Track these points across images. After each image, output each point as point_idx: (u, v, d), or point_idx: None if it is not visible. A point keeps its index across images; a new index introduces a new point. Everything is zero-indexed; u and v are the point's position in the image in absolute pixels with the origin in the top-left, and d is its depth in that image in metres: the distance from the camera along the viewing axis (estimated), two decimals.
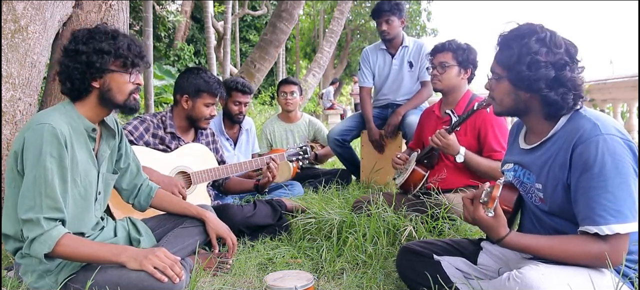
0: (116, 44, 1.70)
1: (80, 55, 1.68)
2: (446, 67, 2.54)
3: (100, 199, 1.85)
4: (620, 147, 1.34)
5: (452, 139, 2.35)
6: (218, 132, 3.42)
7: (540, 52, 1.41)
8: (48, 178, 1.58)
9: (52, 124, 1.60)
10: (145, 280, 1.64)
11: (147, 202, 2.07)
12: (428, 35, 22.40)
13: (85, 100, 1.74)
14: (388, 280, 1.98)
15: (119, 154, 1.96)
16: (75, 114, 1.72)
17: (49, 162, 1.58)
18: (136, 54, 1.74)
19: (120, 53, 1.70)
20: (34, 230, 1.57)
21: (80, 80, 1.69)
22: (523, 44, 1.42)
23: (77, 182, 1.71)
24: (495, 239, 1.45)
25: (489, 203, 1.41)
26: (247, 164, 2.74)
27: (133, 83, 1.76)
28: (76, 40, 1.71)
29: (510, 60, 1.44)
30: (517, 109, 1.53)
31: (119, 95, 1.74)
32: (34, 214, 1.56)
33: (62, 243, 1.58)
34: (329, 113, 13.04)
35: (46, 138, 1.58)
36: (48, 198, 1.58)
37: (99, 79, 1.71)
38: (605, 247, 1.32)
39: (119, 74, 1.73)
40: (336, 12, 9.00)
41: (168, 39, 16.04)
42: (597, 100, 5.37)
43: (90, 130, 1.75)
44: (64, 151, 1.62)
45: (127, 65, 1.73)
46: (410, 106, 3.66)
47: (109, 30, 1.73)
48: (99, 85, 1.72)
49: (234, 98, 3.37)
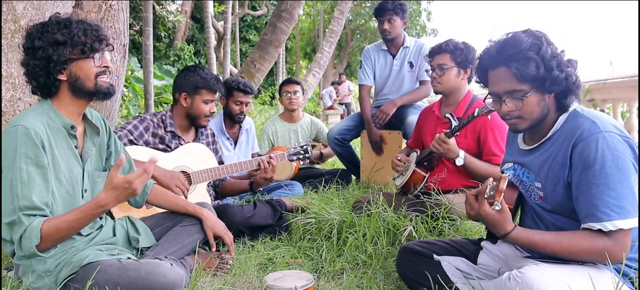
0: (71, 32, 1.66)
1: (37, 50, 1.65)
2: (445, 69, 2.53)
3: (87, 197, 1.82)
4: (619, 144, 1.35)
5: (452, 143, 2.35)
6: (218, 131, 3.42)
7: (556, 52, 1.43)
8: (23, 179, 1.57)
9: (25, 124, 1.59)
10: (145, 278, 1.64)
11: (142, 198, 2.06)
12: (428, 35, 22.43)
13: (59, 96, 1.72)
14: (388, 280, 1.98)
15: (109, 152, 1.95)
16: (52, 113, 1.70)
17: (24, 163, 1.58)
18: (94, 38, 1.70)
19: (76, 41, 1.66)
20: (18, 229, 1.57)
21: (44, 77, 1.67)
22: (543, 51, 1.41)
23: (61, 181, 1.70)
24: (501, 233, 1.45)
25: (495, 196, 1.40)
26: (247, 164, 2.74)
27: (98, 67, 1.72)
28: (31, 36, 1.68)
29: (539, 71, 1.41)
30: (543, 116, 1.49)
31: (88, 82, 1.70)
32: (14, 215, 1.57)
33: (45, 228, 1.58)
34: (329, 113, 13.05)
35: (20, 139, 1.57)
36: (24, 198, 1.58)
37: (64, 70, 1.68)
38: (609, 242, 1.33)
39: (82, 61, 1.69)
40: (336, 12, 9.01)
41: (168, 39, 16.05)
42: (597, 100, 5.37)
43: (68, 127, 1.72)
44: (40, 151, 1.60)
45: (86, 51, 1.69)
46: (406, 100, 3.65)
47: (61, 20, 1.69)
48: (66, 77, 1.69)
49: (235, 98, 3.37)
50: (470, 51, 2.54)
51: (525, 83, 1.43)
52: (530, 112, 1.47)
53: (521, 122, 1.50)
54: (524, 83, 1.44)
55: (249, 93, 3.39)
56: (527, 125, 1.50)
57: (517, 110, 1.47)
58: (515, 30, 1.48)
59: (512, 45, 1.44)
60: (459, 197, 2.37)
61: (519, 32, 1.47)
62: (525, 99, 1.45)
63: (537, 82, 1.43)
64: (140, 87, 8.63)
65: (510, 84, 1.45)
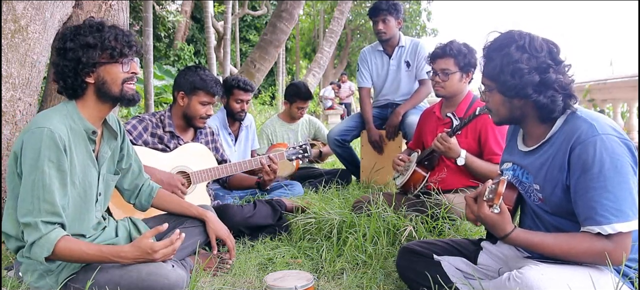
0: (102, 36, 1.68)
1: (68, 52, 1.66)
2: (449, 74, 2.51)
3: (100, 200, 1.84)
4: (618, 146, 1.35)
5: (453, 142, 2.35)
6: (222, 127, 3.46)
7: (522, 59, 1.42)
8: (46, 182, 1.57)
9: (51, 128, 1.59)
10: (146, 279, 1.64)
11: (148, 202, 2.07)
12: (428, 35, 22.44)
13: (85, 98, 1.73)
14: (388, 280, 1.98)
15: (121, 155, 1.96)
16: (76, 115, 1.71)
17: (47, 166, 1.58)
18: (124, 43, 1.71)
19: (106, 45, 1.68)
20: (33, 234, 1.56)
21: (72, 78, 1.68)
22: (503, 54, 1.44)
23: (75, 184, 1.70)
24: (500, 235, 1.45)
25: (494, 199, 1.40)
26: (246, 164, 2.74)
27: (126, 72, 1.74)
28: (64, 38, 1.69)
29: (495, 72, 1.47)
30: (513, 117, 1.54)
31: (114, 87, 1.72)
32: (32, 218, 1.56)
33: (60, 246, 1.57)
34: (329, 113, 13.07)
35: (45, 142, 1.58)
36: (46, 202, 1.57)
37: (92, 73, 1.69)
38: (609, 245, 1.33)
39: (111, 66, 1.70)
40: (336, 12, 9.01)
41: (168, 39, 16.05)
42: (597, 100, 5.36)
43: (90, 132, 1.73)
44: (63, 156, 1.61)
45: (115, 56, 1.70)
46: (409, 105, 3.66)
47: (94, 24, 1.71)
48: (93, 80, 1.70)
49: (235, 96, 3.39)
50: (473, 54, 2.52)
51: (488, 79, 1.53)
52: (495, 108, 1.56)
53: (493, 117, 1.60)
54: (488, 79, 1.53)
55: (249, 91, 3.43)
56: (498, 119, 1.58)
57: (486, 102, 1.59)
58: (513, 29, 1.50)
59: (496, 42, 1.50)
60: (459, 197, 2.37)
61: (515, 33, 1.47)
62: (489, 94, 1.54)
63: (500, 84, 1.48)
64: (140, 87, 8.62)
65: (483, 76, 1.56)
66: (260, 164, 2.72)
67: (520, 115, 1.52)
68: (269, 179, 2.74)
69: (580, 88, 5.48)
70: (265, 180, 2.78)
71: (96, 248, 1.65)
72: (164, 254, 1.66)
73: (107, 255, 1.64)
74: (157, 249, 1.64)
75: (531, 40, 1.44)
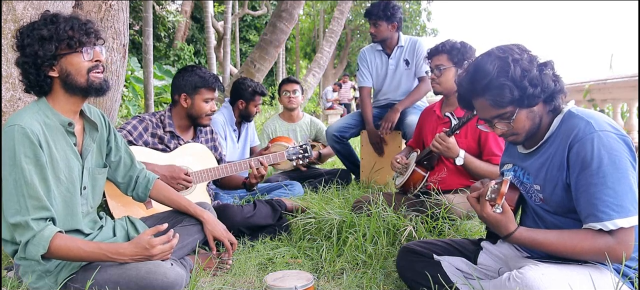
0: (57, 27, 1.65)
1: (26, 48, 1.65)
2: (443, 69, 2.53)
3: (85, 194, 1.81)
4: (615, 142, 1.35)
5: (452, 142, 2.35)
6: (229, 124, 3.51)
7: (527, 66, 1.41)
8: (27, 178, 1.57)
9: (21, 124, 1.58)
10: (145, 278, 1.64)
11: (145, 193, 2.06)
12: (428, 35, 22.45)
13: (53, 93, 1.70)
14: (388, 280, 1.98)
15: (109, 148, 1.94)
16: (49, 111, 1.69)
17: (25, 162, 1.57)
18: (82, 32, 1.68)
19: (62, 35, 1.65)
20: (25, 234, 1.56)
21: (35, 74, 1.66)
22: (511, 73, 1.41)
23: (61, 180, 1.69)
24: (504, 234, 1.45)
25: (497, 199, 1.41)
26: (246, 164, 2.74)
27: (89, 61, 1.70)
28: (22, 35, 1.68)
29: (514, 93, 1.42)
30: (535, 125, 1.50)
31: (79, 77, 1.68)
32: (21, 217, 1.56)
33: (56, 243, 1.57)
34: (329, 113, 13.07)
35: (18, 139, 1.57)
36: (31, 198, 1.57)
37: (54, 67, 1.66)
38: (612, 241, 1.33)
39: (71, 56, 1.67)
40: (336, 12, 9.00)
41: (168, 39, 16.05)
42: (597, 100, 5.37)
43: (66, 125, 1.71)
44: (38, 150, 1.60)
45: (73, 45, 1.66)
46: (408, 102, 3.66)
47: (48, 16, 1.68)
48: (57, 74, 1.67)
49: (256, 101, 3.56)
50: (468, 50, 2.54)
51: (506, 107, 1.45)
52: (521, 127, 1.48)
53: (518, 137, 1.52)
54: (506, 107, 1.45)
55: (265, 95, 3.62)
56: (523, 138, 1.52)
57: (509, 129, 1.50)
58: (481, 54, 1.49)
59: (480, 77, 1.45)
60: (459, 197, 2.37)
61: (483, 56, 1.46)
62: (513, 119, 1.47)
63: (517, 102, 1.44)
64: (140, 87, 8.63)
65: (494, 111, 1.47)
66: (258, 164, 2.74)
67: (539, 121, 1.50)
68: (256, 181, 2.79)
69: (580, 88, 5.49)
70: (251, 183, 2.81)
71: (94, 245, 1.65)
72: (162, 250, 1.66)
73: (105, 252, 1.63)
74: (155, 245, 1.64)
75: (508, 49, 1.45)
